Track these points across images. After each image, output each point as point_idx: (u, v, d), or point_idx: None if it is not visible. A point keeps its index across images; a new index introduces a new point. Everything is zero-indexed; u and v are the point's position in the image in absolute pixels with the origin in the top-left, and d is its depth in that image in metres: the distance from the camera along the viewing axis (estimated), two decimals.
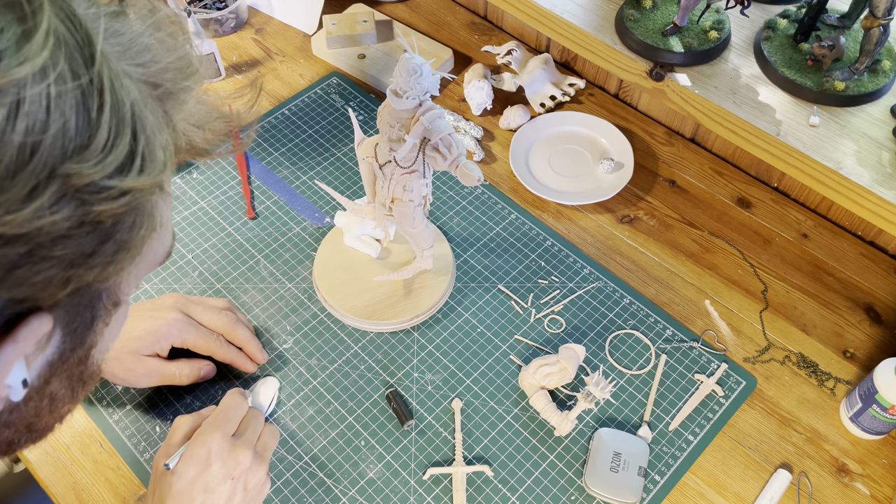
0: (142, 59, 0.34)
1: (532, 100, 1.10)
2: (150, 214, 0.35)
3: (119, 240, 0.33)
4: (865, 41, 0.82)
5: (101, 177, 0.30)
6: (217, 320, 0.81)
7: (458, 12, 1.27)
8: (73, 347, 0.38)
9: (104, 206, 0.31)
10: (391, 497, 0.76)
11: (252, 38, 1.22)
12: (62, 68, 0.29)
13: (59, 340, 0.36)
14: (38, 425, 0.41)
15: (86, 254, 0.32)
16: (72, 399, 0.42)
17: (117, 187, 0.31)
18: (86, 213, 0.31)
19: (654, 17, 0.92)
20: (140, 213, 0.34)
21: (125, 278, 0.38)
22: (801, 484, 0.79)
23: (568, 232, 0.98)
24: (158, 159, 0.33)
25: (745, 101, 0.86)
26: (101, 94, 0.30)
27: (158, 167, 0.33)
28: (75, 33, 0.30)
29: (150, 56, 0.35)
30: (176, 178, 1.02)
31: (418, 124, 0.70)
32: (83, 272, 0.32)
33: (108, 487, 0.77)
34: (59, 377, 0.39)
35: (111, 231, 0.33)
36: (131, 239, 0.34)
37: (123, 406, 0.82)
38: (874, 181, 0.78)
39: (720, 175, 1.05)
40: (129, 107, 0.32)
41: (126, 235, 0.34)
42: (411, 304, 0.88)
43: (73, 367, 0.39)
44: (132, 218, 0.34)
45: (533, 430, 0.81)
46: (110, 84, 0.31)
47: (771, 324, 0.91)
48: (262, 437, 0.71)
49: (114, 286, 0.38)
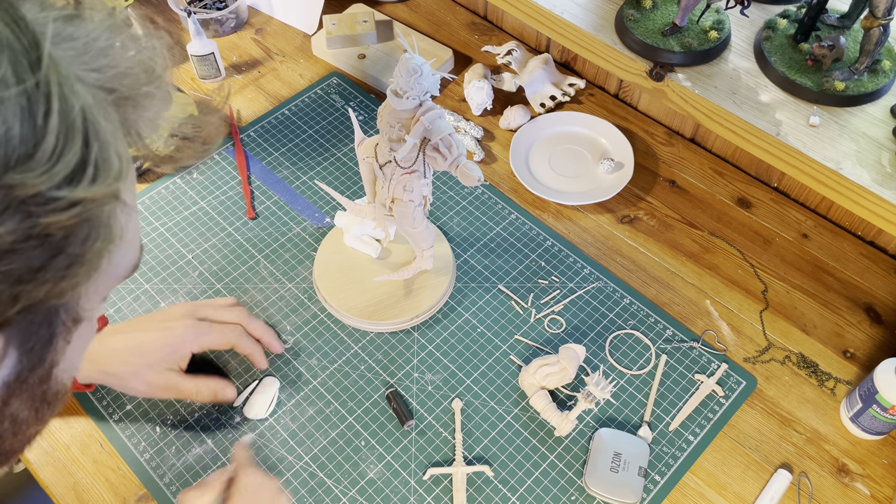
0: (97, 63, 0.33)
1: (532, 100, 1.10)
2: (106, 226, 0.33)
3: (71, 253, 0.31)
4: (865, 41, 0.82)
5: (49, 187, 0.29)
6: (231, 315, 0.80)
7: (458, 12, 1.27)
8: (32, 367, 0.36)
9: (53, 217, 0.29)
10: (391, 497, 0.76)
11: (252, 38, 1.22)
12: (5, 73, 0.28)
13: (15, 360, 0.34)
14: (1, 448, 0.39)
15: (34, 269, 0.30)
16: (37, 421, 0.40)
17: (66, 198, 0.29)
18: (32, 225, 0.29)
19: (654, 17, 0.92)
20: (94, 224, 0.32)
21: (84, 293, 0.36)
22: (801, 484, 0.79)
23: (568, 232, 0.98)
24: (113, 167, 0.32)
25: (745, 101, 0.86)
26: (48, 99, 0.29)
27: (113, 176, 0.32)
28: (21, 37, 0.29)
29: (106, 60, 0.33)
30: (176, 178, 1.02)
31: (418, 124, 0.70)
32: (33, 288, 0.31)
33: (108, 487, 0.77)
34: (20, 398, 0.37)
35: (62, 244, 0.31)
36: (85, 252, 0.32)
37: (123, 406, 0.82)
38: (874, 181, 0.78)
39: (720, 175, 1.05)
40: (79, 112, 0.30)
41: (79, 249, 0.32)
42: (411, 304, 0.88)
43: (35, 388, 0.37)
44: (85, 230, 0.32)
45: (533, 431, 0.81)
46: (58, 89, 0.29)
47: (771, 324, 0.91)
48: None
49: (72, 302, 0.35)
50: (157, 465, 0.78)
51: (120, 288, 0.91)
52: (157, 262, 0.93)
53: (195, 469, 0.78)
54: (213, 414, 0.81)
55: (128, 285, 0.91)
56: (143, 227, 0.97)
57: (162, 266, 0.93)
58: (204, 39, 1.10)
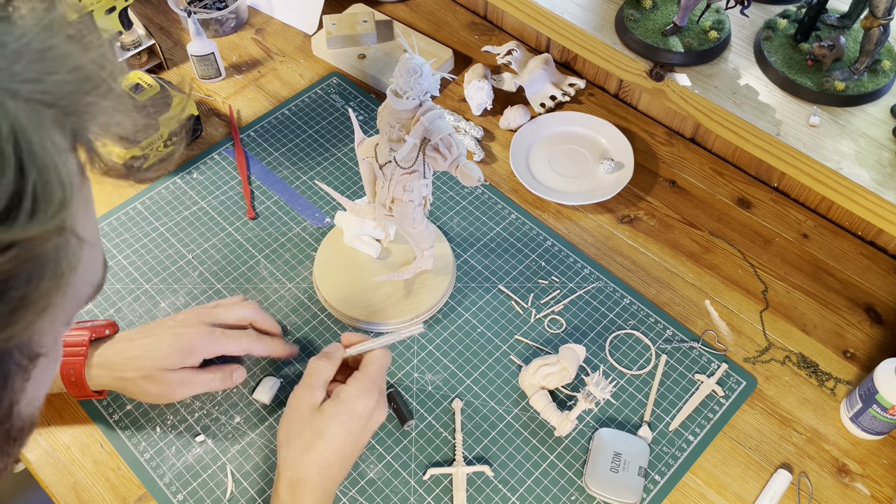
0: (31, 72, 0.28)
1: (532, 100, 1.10)
2: (54, 261, 0.29)
3: (13, 297, 0.27)
4: (865, 41, 0.82)
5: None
6: (242, 311, 0.80)
7: (458, 12, 1.27)
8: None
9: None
10: (391, 497, 0.76)
11: (252, 38, 1.22)
12: None
13: None
14: None
15: None
16: (4, 456, 0.37)
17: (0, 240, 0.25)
18: None
19: (654, 17, 0.92)
20: (38, 263, 0.28)
21: (38, 331, 0.32)
22: (801, 484, 0.79)
23: (568, 232, 0.98)
24: (55, 197, 0.27)
25: (745, 101, 0.86)
26: None
27: (55, 206, 0.27)
28: None
29: (42, 67, 0.29)
30: (176, 178, 1.02)
31: (418, 124, 0.70)
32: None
33: (109, 487, 0.77)
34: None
35: (1, 289, 0.27)
36: (29, 295, 0.28)
37: (123, 406, 0.82)
38: (874, 181, 0.78)
39: (720, 175, 1.05)
40: (8, 136, 0.26)
41: (21, 292, 0.28)
42: (411, 304, 0.88)
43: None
44: (27, 271, 0.28)
45: (533, 431, 0.81)
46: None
47: (771, 324, 0.91)
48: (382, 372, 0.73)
49: (24, 342, 0.32)
50: (157, 465, 0.78)
51: (120, 288, 0.91)
52: (157, 262, 0.93)
53: (195, 469, 0.78)
54: (213, 414, 0.81)
55: (128, 286, 0.91)
56: (143, 227, 0.97)
57: (162, 266, 0.93)
58: (204, 39, 1.10)
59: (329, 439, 0.67)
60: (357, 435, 0.69)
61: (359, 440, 0.69)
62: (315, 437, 0.67)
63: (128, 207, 0.99)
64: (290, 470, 0.67)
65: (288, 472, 0.67)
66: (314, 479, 0.66)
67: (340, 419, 0.67)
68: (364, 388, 0.69)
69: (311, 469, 0.66)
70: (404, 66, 0.68)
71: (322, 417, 0.67)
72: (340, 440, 0.67)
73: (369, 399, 0.69)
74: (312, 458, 0.66)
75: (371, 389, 0.70)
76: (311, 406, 0.69)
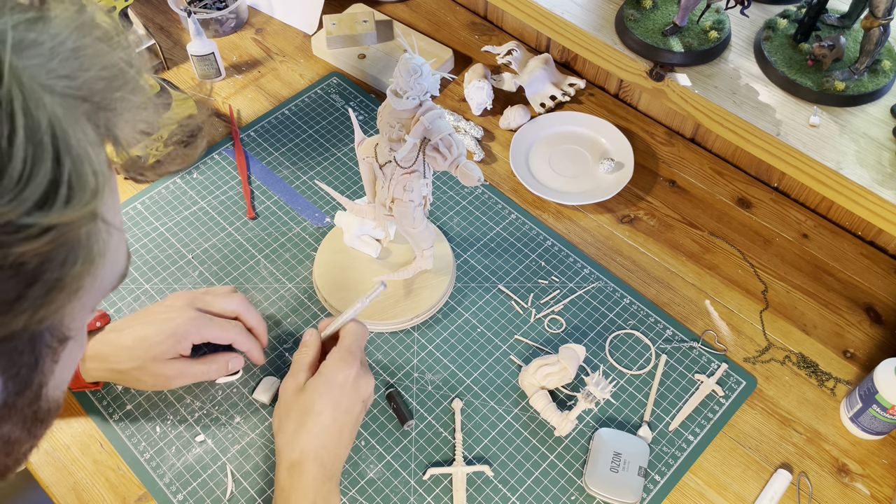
0: (66, 69, 0.30)
1: (532, 100, 1.10)
2: (85, 247, 0.31)
3: (48, 280, 0.29)
4: (865, 41, 0.82)
5: (19, 214, 0.26)
6: (231, 303, 0.81)
7: (458, 12, 1.27)
8: (19, 391, 0.34)
9: (25, 246, 0.27)
10: (391, 497, 0.76)
11: (252, 38, 1.22)
12: None
13: (0, 387, 0.33)
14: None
15: (9, 300, 0.28)
16: (30, 438, 0.39)
17: (38, 224, 0.27)
18: (3, 256, 0.27)
19: (654, 17, 0.92)
20: (72, 247, 0.30)
21: (68, 314, 0.34)
22: (801, 484, 0.79)
23: (568, 232, 0.98)
24: (89, 185, 0.29)
25: (745, 101, 0.86)
26: (12, 118, 0.26)
27: (89, 194, 0.29)
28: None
29: (76, 65, 0.31)
30: (176, 178, 1.02)
31: (418, 124, 0.70)
32: (10, 320, 0.29)
33: (109, 487, 0.77)
34: (10, 421, 0.36)
35: (37, 272, 0.29)
36: (64, 277, 0.30)
37: (123, 406, 0.82)
38: (874, 181, 0.78)
39: (720, 175, 1.05)
40: (47, 128, 0.28)
41: (56, 274, 0.30)
42: (411, 304, 0.88)
43: (25, 409, 0.36)
44: (62, 254, 0.29)
45: (533, 431, 0.81)
46: (23, 105, 0.27)
47: (771, 324, 0.91)
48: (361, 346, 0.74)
49: (56, 324, 0.34)
50: (157, 465, 0.78)
51: (120, 288, 0.91)
52: (157, 262, 0.93)
53: (195, 469, 0.78)
54: (213, 414, 0.81)
55: (128, 285, 0.91)
56: (143, 227, 0.97)
57: (162, 266, 0.93)
58: (204, 39, 1.10)
59: (317, 413, 0.67)
60: (346, 407, 0.69)
61: (349, 410, 0.69)
62: (303, 415, 0.67)
63: (128, 207, 0.99)
64: (285, 453, 0.67)
65: (284, 456, 0.67)
66: (310, 456, 0.66)
67: (322, 390, 0.68)
68: (340, 359, 0.70)
69: (306, 446, 0.66)
70: (404, 66, 0.68)
71: (305, 394, 0.68)
72: (329, 412, 0.68)
73: (347, 368, 0.69)
74: (304, 435, 0.67)
75: (347, 359, 0.70)
76: (295, 388, 0.70)
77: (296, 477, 0.66)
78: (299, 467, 0.66)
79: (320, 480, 0.66)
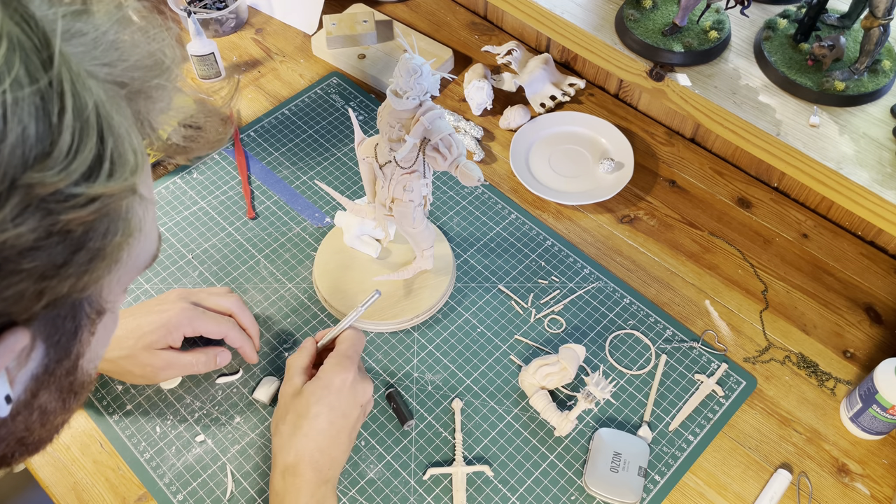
0: (108, 58, 0.33)
1: (532, 100, 1.10)
2: (124, 220, 0.34)
3: (92, 248, 0.32)
4: (865, 41, 0.82)
5: (67, 184, 0.29)
6: (225, 302, 0.81)
7: (458, 12, 1.27)
8: (59, 359, 0.37)
9: (72, 214, 0.30)
10: (391, 497, 0.76)
11: (252, 38, 1.22)
12: (18, 73, 0.27)
13: (43, 353, 0.35)
14: (29, 439, 0.40)
15: (57, 265, 0.31)
16: (64, 410, 0.41)
17: (85, 194, 0.30)
18: (53, 223, 0.29)
19: (654, 17, 0.92)
20: (113, 219, 0.33)
21: (106, 286, 0.36)
22: (801, 484, 0.79)
23: (568, 232, 0.98)
24: (129, 162, 0.32)
25: (745, 101, 0.86)
26: (62, 97, 0.29)
27: (129, 170, 0.32)
28: (31, 36, 0.29)
29: (116, 54, 0.34)
30: (176, 178, 1.02)
31: (418, 124, 0.70)
32: (56, 284, 0.31)
33: (109, 487, 0.77)
34: (48, 390, 0.38)
35: (83, 240, 0.31)
36: (105, 246, 0.33)
37: (123, 406, 0.82)
38: (874, 181, 0.78)
39: (720, 175, 1.05)
40: (92, 109, 0.30)
41: (99, 243, 0.32)
42: (411, 304, 0.88)
43: (62, 379, 0.38)
44: (105, 225, 0.32)
45: (533, 431, 0.81)
46: (71, 86, 0.29)
47: (771, 324, 0.91)
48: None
49: (95, 295, 0.36)
50: (157, 465, 0.78)
51: None
52: (157, 262, 0.93)
53: (195, 469, 0.78)
54: (213, 414, 0.81)
55: None
56: None
57: (162, 266, 0.93)
58: (204, 39, 1.10)
59: (312, 417, 0.67)
60: (343, 410, 0.69)
61: (346, 415, 0.69)
62: (299, 418, 0.68)
63: None
64: (280, 456, 0.67)
65: (279, 460, 0.67)
66: (305, 460, 0.66)
67: (319, 394, 0.68)
68: (336, 363, 0.70)
69: (301, 450, 0.66)
70: (404, 66, 0.68)
71: (302, 398, 0.69)
72: (325, 416, 0.68)
73: (344, 372, 0.70)
74: (300, 439, 0.67)
75: (344, 363, 0.70)
76: (292, 392, 0.70)
77: (290, 480, 0.66)
78: (294, 471, 0.66)
79: (315, 484, 0.66)
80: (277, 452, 0.68)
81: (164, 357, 0.76)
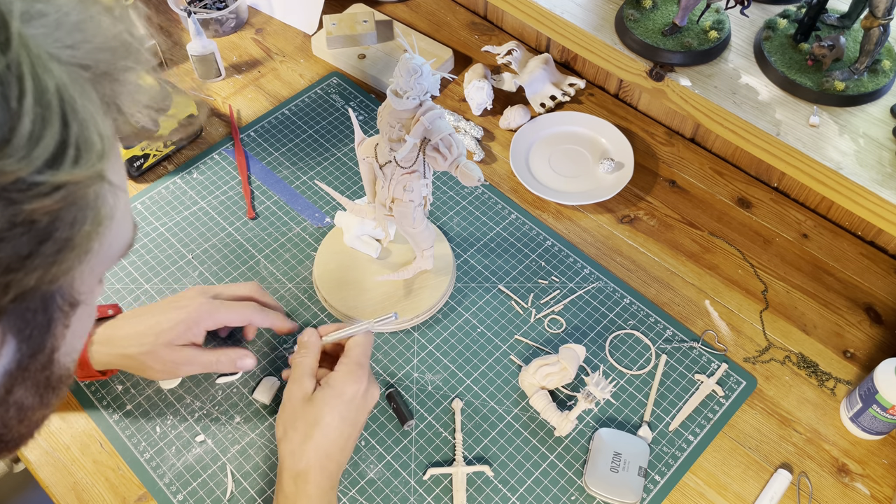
0: (70, 39, 0.32)
1: (532, 100, 1.10)
2: (93, 208, 0.32)
3: (59, 238, 0.31)
4: (865, 41, 0.82)
5: (29, 172, 0.28)
6: (243, 289, 0.81)
7: (458, 12, 1.27)
8: (32, 354, 0.36)
9: (36, 203, 0.29)
10: (391, 497, 0.76)
11: (252, 38, 1.22)
12: None
13: (14, 349, 0.34)
14: (8, 436, 0.39)
15: (22, 257, 0.29)
16: (42, 406, 0.40)
17: (48, 182, 0.29)
18: (15, 213, 0.28)
19: (654, 17, 0.92)
20: (81, 207, 0.31)
21: (78, 277, 0.35)
22: (801, 484, 0.79)
23: (568, 232, 0.98)
24: (95, 147, 0.31)
25: (745, 101, 0.86)
26: (21, 81, 0.28)
27: (96, 156, 0.31)
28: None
29: (80, 36, 0.32)
30: (176, 178, 1.02)
31: (418, 124, 0.70)
32: (23, 276, 0.30)
33: (108, 487, 0.77)
34: (23, 386, 0.37)
35: (49, 230, 0.30)
36: (74, 236, 0.31)
37: (123, 406, 0.82)
38: (874, 181, 0.78)
39: (720, 175, 1.05)
40: (55, 93, 0.29)
41: (67, 233, 0.31)
42: (411, 304, 0.88)
43: (38, 374, 0.37)
44: (72, 214, 0.31)
45: (533, 431, 0.81)
46: (31, 69, 0.28)
47: (771, 324, 0.91)
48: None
49: (66, 286, 0.35)
50: (157, 465, 0.78)
51: (120, 288, 0.91)
52: (157, 262, 0.93)
53: (195, 469, 0.78)
54: (213, 414, 0.81)
55: (128, 285, 0.91)
56: (143, 227, 0.97)
57: (162, 266, 0.93)
58: (204, 39, 1.10)
59: (324, 426, 0.68)
60: (353, 419, 0.69)
61: (355, 423, 0.70)
62: (310, 427, 0.68)
63: None
64: (291, 462, 0.67)
65: (289, 465, 0.67)
66: (315, 467, 0.67)
67: (332, 404, 0.68)
68: (350, 372, 0.70)
69: (312, 458, 0.67)
70: (404, 66, 0.68)
71: (314, 406, 0.68)
72: (336, 425, 0.68)
73: (357, 382, 0.70)
74: (311, 447, 0.67)
75: (357, 372, 0.70)
76: (302, 397, 0.70)
77: (301, 486, 0.66)
78: (305, 477, 0.66)
79: (325, 490, 0.67)
80: (287, 457, 0.68)
81: (185, 353, 0.75)
